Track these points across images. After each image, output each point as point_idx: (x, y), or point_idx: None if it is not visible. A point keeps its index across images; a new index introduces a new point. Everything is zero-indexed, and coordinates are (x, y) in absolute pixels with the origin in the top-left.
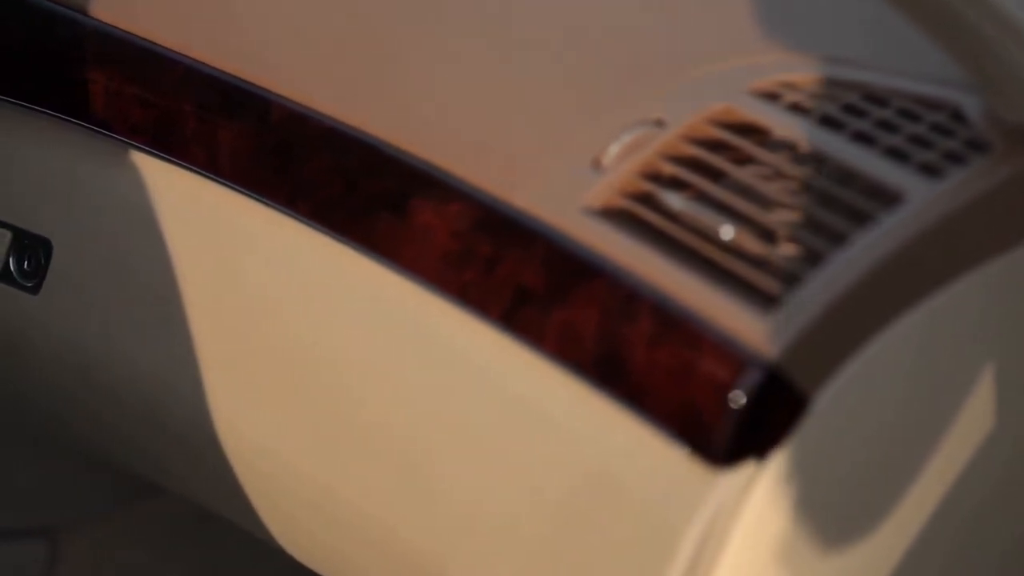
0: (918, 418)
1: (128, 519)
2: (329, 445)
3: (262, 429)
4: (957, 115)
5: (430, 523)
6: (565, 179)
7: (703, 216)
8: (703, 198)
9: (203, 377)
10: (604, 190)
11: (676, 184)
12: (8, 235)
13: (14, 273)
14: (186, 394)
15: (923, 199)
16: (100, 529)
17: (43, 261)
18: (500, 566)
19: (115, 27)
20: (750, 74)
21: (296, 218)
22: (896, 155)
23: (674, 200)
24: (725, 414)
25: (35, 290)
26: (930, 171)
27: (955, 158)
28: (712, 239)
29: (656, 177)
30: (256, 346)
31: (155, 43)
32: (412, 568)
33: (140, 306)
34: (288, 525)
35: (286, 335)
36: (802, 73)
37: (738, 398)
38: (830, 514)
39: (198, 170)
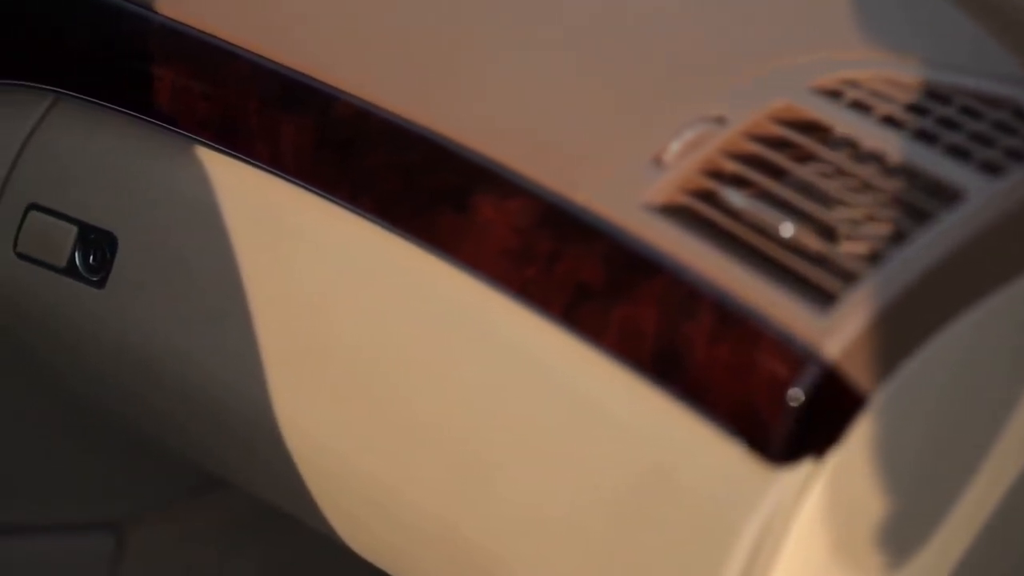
0: (973, 418)
1: (194, 511)
2: (389, 442)
3: (323, 426)
4: (1019, 113)
5: (489, 520)
6: (626, 176)
7: (764, 213)
8: (764, 195)
9: (264, 374)
10: (665, 187)
11: (737, 181)
12: (74, 230)
13: (79, 267)
14: (247, 391)
15: (983, 197)
16: (166, 522)
17: (108, 256)
18: (559, 563)
19: (181, 23)
20: (811, 71)
21: (357, 213)
22: (958, 153)
23: (735, 197)
24: (783, 412)
25: (100, 284)
26: (991, 169)
27: (1017, 156)
28: (772, 236)
29: (717, 174)
30: (317, 342)
31: (220, 39)
32: (472, 565)
33: (203, 301)
34: (349, 522)
35: (347, 331)
36: (864, 70)
37: (796, 396)
38: (886, 514)
39: (261, 165)
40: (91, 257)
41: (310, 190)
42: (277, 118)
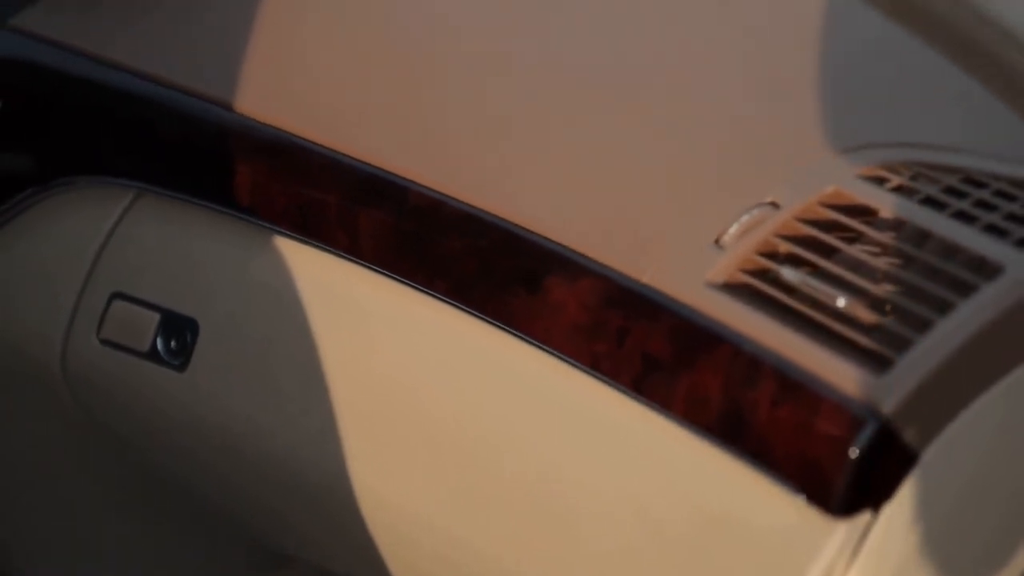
0: (1018, 473)
1: None
2: (468, 506)
3: (403, 496)
4: None
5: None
6: (689, 257)
7: (817, 288)
8: (817, 272)
9: (345, 450)
10: (725, 267)
11: (791, 260)
12: (157, 317)
13: (161, 352)
14: (329, 467)
15: (1022, 270)
16: None
17: (189, 340)
18: None
19: (259, 121)
20: (857, 160)
21: (433, 296)
22: (995, 231)
23: (790, 274)
24: (843, 468)
25: (181, 368)
26: None
27: None
28: (827, 308)
29: (772, 254)
30: (396, 418)
31: (297, 135)
32: None
33: (283, 382)
34: None
35: (424, 406)
36: (905, 159)
37: (854, 453)
38: (935, 564)
39: (339, 253)
40: (172, 342)
41: (386, 275)
42: (355, 210)
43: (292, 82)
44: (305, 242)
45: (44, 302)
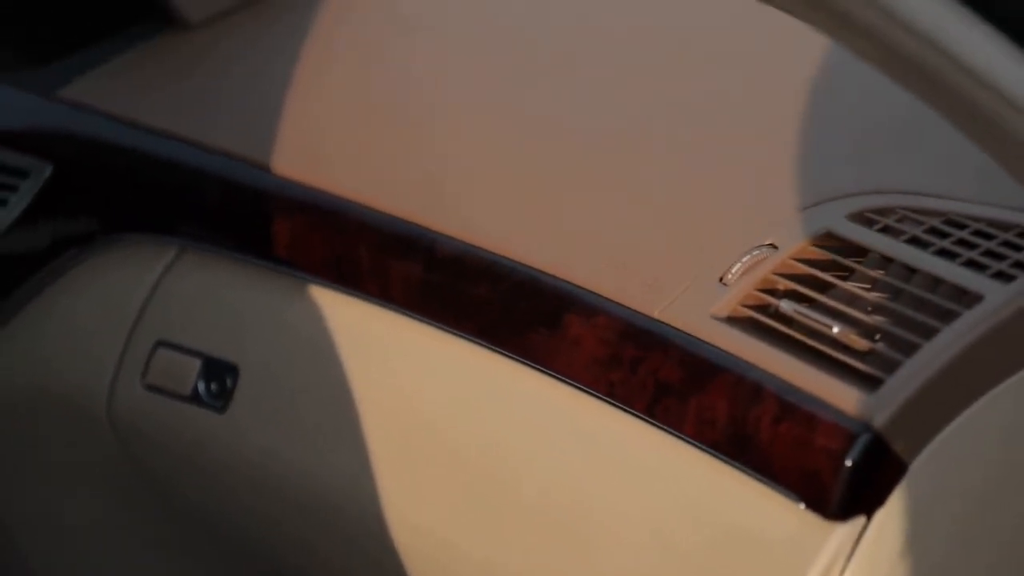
0: (1003, 482)
1: None
2: (495, 530)
3: (433, 522)
4: None
5: None
6: (696, 294)
7: (814, 319)
8: (813, 305)
9: (378, 483)
10: (729, 302)
11: (790, 295)
12: (198, 363)
13: (202, 395)
14: (361, 498)
15: (999, 299)
16: None
17: (229, 384)
18: None
19: (295, 181)
20: (846, 205)
21: (460, 336)
22: (974, 266)
23: (788, 307)
24: (838, 476)
25: (222, 410)
26: (1004, 277)
27: None
28: (822, 336)
29: (772, 290)
30: (427, 451)
31: (331, 193)
32: None
33: (319, 421)
34: None
35: (453, 439)
36: (892, 204)
37: (848, 462)
38: (928, 565)
39: (372, 299)
40: (213, 385)
41: (416, 318)
42: (386, 261)
43: (324, 143)
44: (339, 290)
45: (92, 352)
